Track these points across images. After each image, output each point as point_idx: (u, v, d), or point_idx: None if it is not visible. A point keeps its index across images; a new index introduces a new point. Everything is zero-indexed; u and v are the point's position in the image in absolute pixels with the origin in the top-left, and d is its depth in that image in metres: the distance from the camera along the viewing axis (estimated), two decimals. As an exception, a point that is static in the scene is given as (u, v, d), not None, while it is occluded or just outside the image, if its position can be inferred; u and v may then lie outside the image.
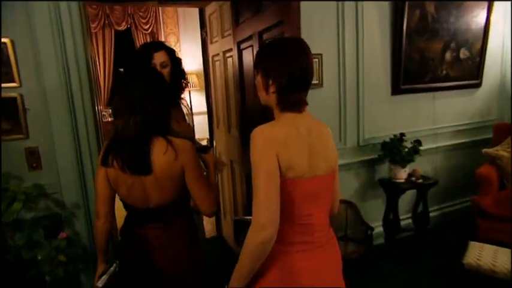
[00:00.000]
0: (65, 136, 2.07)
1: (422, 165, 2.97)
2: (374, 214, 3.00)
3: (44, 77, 2.01)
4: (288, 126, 1.10)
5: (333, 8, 2.62)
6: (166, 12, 8.05)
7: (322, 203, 1.15)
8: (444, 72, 3.15)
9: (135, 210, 1.39)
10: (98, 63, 7.45)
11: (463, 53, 3.18)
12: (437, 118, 3.25)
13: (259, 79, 1.17)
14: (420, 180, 2.78)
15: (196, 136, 8.77)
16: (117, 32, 7.64)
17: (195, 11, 7.92)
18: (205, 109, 8.40)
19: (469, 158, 3.37)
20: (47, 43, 1.99)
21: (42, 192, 2.04)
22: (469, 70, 3.26)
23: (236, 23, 2.30)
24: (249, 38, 2.07)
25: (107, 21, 7.23)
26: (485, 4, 3.11)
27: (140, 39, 7.79)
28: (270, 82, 1.12)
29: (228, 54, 2.62)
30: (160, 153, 1.29)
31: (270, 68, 1.12)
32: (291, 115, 1.12)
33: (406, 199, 3.02)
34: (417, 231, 2.96)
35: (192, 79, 7.89)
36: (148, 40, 7.80)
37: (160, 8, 7.83)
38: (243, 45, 2.23)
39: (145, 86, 1.31)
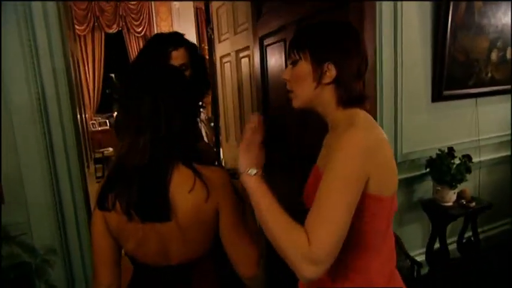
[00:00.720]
0: (35, 158, 1.57)
1: (464, 184, 2.53)
2: (413, 241, 2.56)
3: (10, 91, 1.52)
4: (372, 127, 0.88)
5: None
6: (160, 14, 7.59)
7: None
8: (489, 75, 2.73)
9: (148, 268, 0.96)
10: (86, 68, 6.94)
11: (510, 53, 2.76)
12: (481, 128, 2.82)
13: (303, 67, 0.92)
14: (473, 204, 2.33)
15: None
16: (107, 35, 7.13)
17: (190, 12, 7.48)
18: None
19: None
20: (13, 49, 1.50)
21: (5, 234, 1.53)
22: (515, 72, 2.84)
23: (257, 14, 1.83)
24: (279, 30, 1.61)
25: (96, 24, 6.72)
26: (534, -3, 2.70)
27: (132, 43, 7.31)
28: (326, 68, 0.90)
29: (243, 54, 2.16)
30: (184, 190, 0.88)
31: (328, 48, 0.91)
32: (358, 111, 0.92)
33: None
34: (464, 260, 2.51)
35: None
36: (141, 44, 7.34)
37: (153, 9, 7.37)
38: (268, 41, 1.76)
39: (159, 91, 0.89)
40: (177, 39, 1.32)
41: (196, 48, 1.35)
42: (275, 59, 1.73)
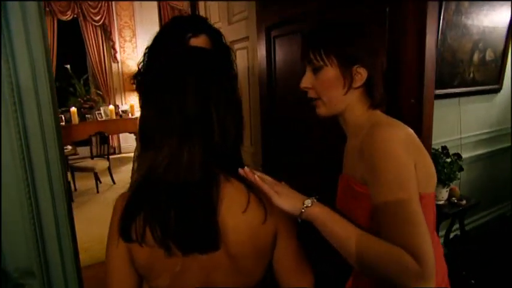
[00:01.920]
0: (6, 160, 1.28)
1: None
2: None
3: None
4: (397, 122, 0.83)
5: None
6: (121, 3, 7.08)
7: None
8: (471, 75, 2.81)
9: None
10: (36, 58, 6.27)
11: (489, 55, 2.86)
12: (463, 126, 2.90)
13: (330, 73, 0.85)
14: (463, 202, 2.37)
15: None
16: (61, 23, 6.51)
17: (153, 2, 7.09)
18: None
19: (489, 170, 3.08)
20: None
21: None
22: (492, 74, 2.96)
23: (263, 1, 1.67)
24: (294, 19, 1.46)
25: (48, 9, 6.08)
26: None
27: (89, 32, 6.75)
28: (355, 71, 0.85)
29: (239, 45, 1.98)
30: (236, 210, 0.70)
31: (356, 50, 0.85)
32: (376, 111, 0.88)
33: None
34: (451, 255, 2.56)
35: (151, 79, 7.04)
36: (99, 34, 6.79)
37: (114, -3, 6.84)
38: (277, 31, 1.61)
39: (209, 84, 0.69)
40: (197, 23, 1.11)
41: (220, 35, 1.15)
42: (286, 53, 1.58)
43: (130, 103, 6.99)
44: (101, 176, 5.07)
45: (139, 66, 1.15)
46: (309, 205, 0.73)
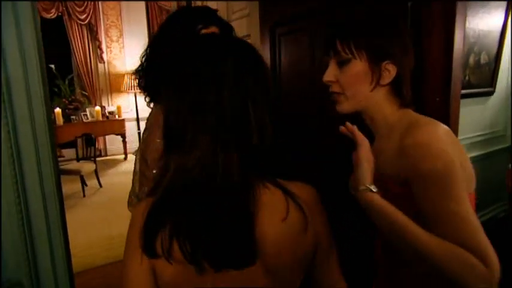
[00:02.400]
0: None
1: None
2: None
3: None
4: (435, 121, 0.78)
5: None
6: (107, 2, 6.92)
7: None
8: (467, 78, 2.82)
9: None
10: (19, 57, 6.04)
11: (484, 58, 2.88)
12: (459, 129, 2.91)
13: (358, 66, 0.81)
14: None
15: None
16: (45, 21, 6.30)
17: (141, 2, 6.95)
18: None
19: (483, 172, 3.10)
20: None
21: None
22: (486, 77, 2.99)
23: (267, -2, 1.61)
24: (302, 17, 1.41)
25: (31, 6, 5.85)
26: (504, 4, 2.85)
27: (74, 31, 6.56)
28: (384, 68, 0.80)
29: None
30: (275, 219, 0.62)
31: (388, 45, 0.80)
32: (410, 110, 0.84)
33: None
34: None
35: (139, 80, 6.88)
36: (84, 33, 6.60)
37: (101, -5, 6.68)
38: (282, 29, 1.55)
39: (245, 77, 0.62)
40: (208, 14, 1.04)
41: (231, 29, 1.09)
42: (292, 51, 1.53)
43: (118, 104, 6.82)
44: (87, 179, 4.90)
45: (143, 60, 1.08)
46: (374, 190, 0.71)
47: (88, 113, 6.18)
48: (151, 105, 1.10)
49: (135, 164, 1.11)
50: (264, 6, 1.64)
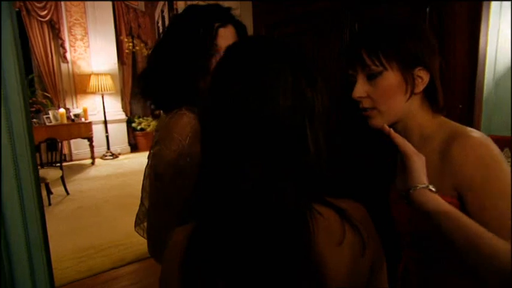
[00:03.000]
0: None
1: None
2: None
3: None
4: (475, 130, 0.76)
5: None
6: (71, -2, 6.55)
7: None
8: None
9: None
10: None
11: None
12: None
13: (392, 78, 0.76)
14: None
15: (115, 148, 7.36)
16: (1, 17, 5.84)
17: None
18: (122, 116, 7.20)
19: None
20: None
21: None
22: None
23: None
24: (303, 17, 1.36)
25: (-14, 1, 5.41)
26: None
27: (34, 29, 6.16)
28: (416, 74, 0.77)
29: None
30: (331, 243, 0.55)
31: (418, 50, 0.76)
32: (446, 119, 0.82)
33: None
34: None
35: (106, 81, 6.59)
36: (45, 31, 6.21)
37: (64, -9, 6.31)
38: (279, 31, 1.50)
39: (304, 85, 0.55)
40: (224, 13, 0.96)
41: (245, 28, 1.01)
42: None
43: (84, 106, 6.47)
44: (52, 187, 4.59)
45: (151, 63, 0.98)
46: (432, 189, 0.65)
47: (51, 116, 5.81)
48: (161, 112, 1.01)
49: (143, 180, 1.00)
50: (258, 7, 1.58)
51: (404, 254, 0.92)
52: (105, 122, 6.85)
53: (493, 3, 0.92)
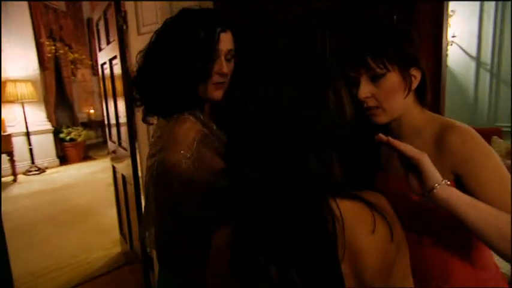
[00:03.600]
0: None
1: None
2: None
3: None
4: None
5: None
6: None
7: None
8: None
9: None
10: None
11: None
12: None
13: (394, 79, 0.85)
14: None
15: (40, 162, 6.68)
16: None
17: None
18: (47, 127, 6.56)
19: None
20: None
21: None
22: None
23: None
24: (267, 25, 1.40)
25: None
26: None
27: None
28: (411, 73, 0.87)
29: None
30: (366, 233, 0.61)
31: (413, 52, 0.87)
32: (432, 113, 0.93)
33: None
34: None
35: (25, 88, 5.94)
36: None
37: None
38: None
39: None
40: (222, 17, 0.95)
41: (242, 33, 1.01)
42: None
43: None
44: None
45: (141, 67, 0.93)
46: (447, 184, 0.71)
47: (-40, 130, 5.06)
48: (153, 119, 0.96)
49: (146, 202, 0.96)
50: (221, 7, 1.58)
51: None
52: (28, 134, 6.17)
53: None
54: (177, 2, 1.86)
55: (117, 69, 2.42)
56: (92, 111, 8.86)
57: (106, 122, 2.99)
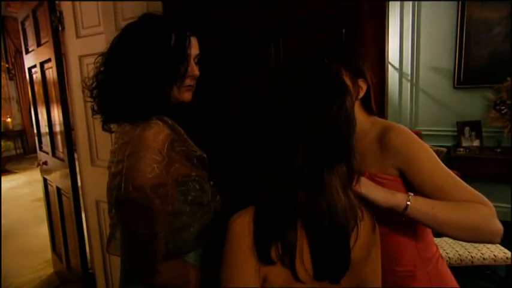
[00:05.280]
0: None
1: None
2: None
3: None
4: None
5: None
6: None
7: None
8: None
9: None
10: None
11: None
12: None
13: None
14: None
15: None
16: None
17: None
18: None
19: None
20: None
21: None
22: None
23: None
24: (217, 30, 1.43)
25: None
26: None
27: None
28: (358, 84, 0.95)
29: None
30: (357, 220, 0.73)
31: (362, 62, 0.95)
32: (375, 117, 1.01)
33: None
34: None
35: None
36: None
37: None
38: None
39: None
40: (187, 22, 0.93)
41: (199, 39, 1.00)
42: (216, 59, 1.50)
43: None
44: None
45: (103, 74, 0.89)
46: (411, 196, 0.79)
47: None
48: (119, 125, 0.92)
49: (109, 209, 0.90)
50: (172, 7, 1.55)
51: None
52: None
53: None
54: (122, 1, 1.78)
55: (50, 74, 2.24)
56: (9, 119, 7.95)
57: (35, 131, 2.73)
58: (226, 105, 1.50)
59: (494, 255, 2.11)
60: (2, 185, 5.77)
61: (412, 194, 0.81)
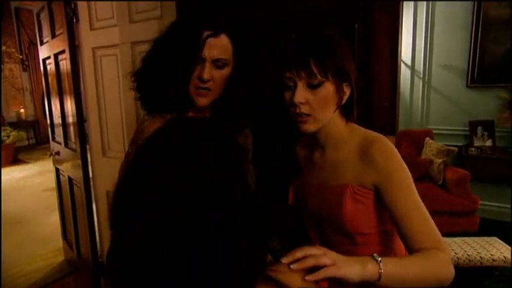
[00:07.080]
0: None
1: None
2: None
3: None
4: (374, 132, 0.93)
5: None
6: None
7: None
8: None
9: None
10: None
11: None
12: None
13: (330, 88, 0.85)
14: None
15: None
16: None
17: None
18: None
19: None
20: None
21: None
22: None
23: None
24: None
25: None
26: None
27: None
28: (344, 89, 0.87)
29: (143, 48, 1.79)
30: None
31: (349, 66, 0.87)
32: (354, 124, 0.94)
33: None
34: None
35: None
36: None
37: None
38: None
39: None
40: (216, 19, 0.91)
41: (245, 37, 0.96)
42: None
43: None
44: None
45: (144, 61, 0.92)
46: (380, 261, 0.71)
47: None
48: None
49: None
50: (186, 6, 1.57)
51: (311, 234, 1.04)
52: None
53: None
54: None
55: (64, 65, 2.27)
56: (22, 110, 8.09)
57: (49, 121, 2.77)
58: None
59: (504, 256, 2.09)
60: (15, 175, 5.91)
61: (379, 259, 0.72)
